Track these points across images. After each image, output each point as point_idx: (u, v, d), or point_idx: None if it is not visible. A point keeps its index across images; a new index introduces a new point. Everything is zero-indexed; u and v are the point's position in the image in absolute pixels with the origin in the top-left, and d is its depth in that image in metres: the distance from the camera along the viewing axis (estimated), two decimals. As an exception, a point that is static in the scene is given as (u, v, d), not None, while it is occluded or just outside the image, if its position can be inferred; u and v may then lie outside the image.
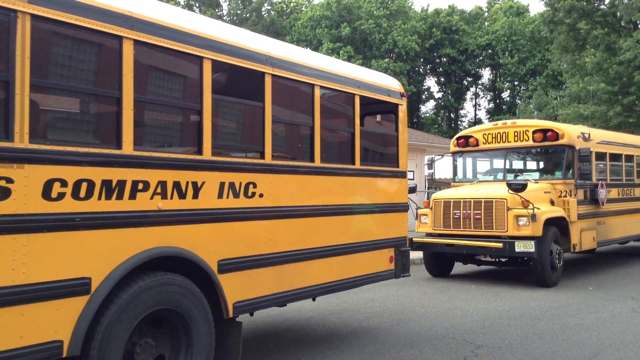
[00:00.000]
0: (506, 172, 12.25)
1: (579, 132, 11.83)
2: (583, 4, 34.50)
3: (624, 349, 6.47)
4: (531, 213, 10.07)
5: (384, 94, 7.17)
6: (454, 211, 10.99)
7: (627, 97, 32.59)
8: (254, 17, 56.42)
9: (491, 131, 12.28)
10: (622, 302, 9.18)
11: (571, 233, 11.14)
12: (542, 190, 11.08)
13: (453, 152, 13.02)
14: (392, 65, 49.31)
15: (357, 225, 6.57)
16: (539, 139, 11.50)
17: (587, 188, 11.70)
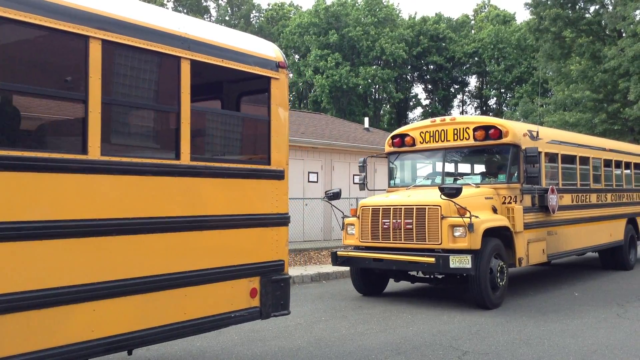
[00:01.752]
0: (445, 176, 10.56)
1: (526, 130, 10.48)
2: (568, 12, 34.90)
3: (609, 354, 6.51)
4: (468, 222, 8.64)
5: (244, 62, 5.23)
6: (383, 220, 9.50)
7: (612, 105, 32.96)
8: (242, 24, 56.43)
9: (429, 129, 10.75)
10: (607, 308, 9.24)
11: (516, 245, 9.66)
12: (482, 195, 9.67)
13: (388, 152, 11.44)
14: (380, 72, 49.53)
15: (180, 248, 4.64)
16: (480, 137, 10.05)
17: (536, 193, 10.31)
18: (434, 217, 9.02)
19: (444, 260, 8.67)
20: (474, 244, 8.72)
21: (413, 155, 11.29)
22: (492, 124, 10.13)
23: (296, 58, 54.51)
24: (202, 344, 7.12)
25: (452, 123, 10.55)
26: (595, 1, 35.54)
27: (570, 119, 32.90)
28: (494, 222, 9.28)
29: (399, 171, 11.53)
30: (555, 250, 11.00)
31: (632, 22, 30.99)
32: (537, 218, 10.39)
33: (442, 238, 8.91)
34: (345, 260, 9.97)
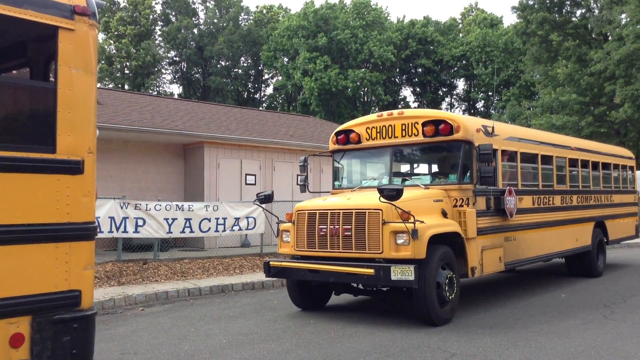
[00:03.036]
0: (392, 176, 9.59)
1: (480, 125, 9.50)
2: (555, 16, 35.21)
3: (595, 355, 6.55)
4: (412, 228, 7.63)
5: (9, 3, 3.67)
6: (320, 226, 8.45)
7: (598, 108, 33.28)
8: (230, 26, 56.34)
9: (375, 124, 9.77)
10: (594, 309, 9.30)
11: (468, 253, 8.65)
12: (430, 198, 8.67)
13: (332, 150, 10.44)
14: (369, 75, 49.65)
15: None
16: (430, 132, 9.09)
17: (491, 195, 9.30)
18: (374, 222, 7.98)
19: (384, 272, 7.65)
20: (418, 252, 7.70)
21: (359, 154, 10.21)
22: (442, 118, 9.15)
23: (285, 61, 54.51)
24: (190, 347, 7.09)
25: (400, 117, 9.55)
26: (582, 5, 35.90)
27: (557, 122, 33.18)
28: (442, 228, 8.24)
29: (344, 171, 10.50)
30: (514, 258, 10.01)
31: (617, 26, 31.33)
32: (492, 222, 9.40)
33: (383, 246, 7.87)
34: (279, 271, 8.85)
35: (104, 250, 15.20)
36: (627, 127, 33.74)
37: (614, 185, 14.82)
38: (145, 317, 9.17)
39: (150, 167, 17.41)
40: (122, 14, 54.06)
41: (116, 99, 20.14)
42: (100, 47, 53.22)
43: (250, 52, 58.31)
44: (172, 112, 20.00)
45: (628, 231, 15.55)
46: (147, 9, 54.72)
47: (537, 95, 44.57)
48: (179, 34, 55.24)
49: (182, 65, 59.20)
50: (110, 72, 52.96)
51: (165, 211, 13.25)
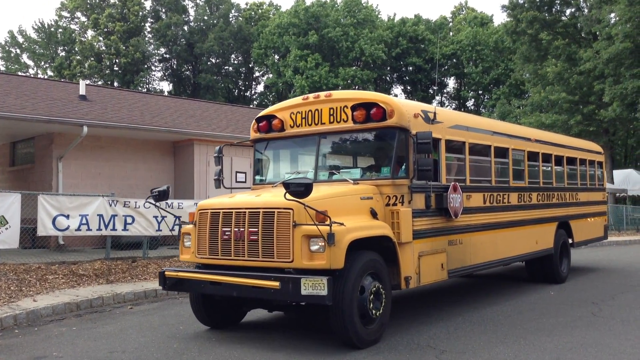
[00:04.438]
0: (318, 169, 8.16)
1: (419, 110, 8.09)
2: (545, 15, 35.38)
3: (584, 352, 6.58)
4: (327, 232, 6.32)
5: None
6: (224, 228, 7.09)
7: (587, 107, 33.48)
8: (221, 24, 56.15)
9: (301, 108, 8.37)
10: (582, 307, 9.34)
11: (401, 260, 7.34)
12: (357, 195, 7.31)
13: (253, 139, 9.11)
14: (360, 73, 49.68)
15: None
16: (360, 118, 7.75)
17: (431, 192, 7.98)
18: (283, 224, 6.63)
19: (293, 285, 6.32)
20: (334, 261, 6.38)
21: (282, 143, 8.82)
22: (373, 101, 7.78)
23: (276, 58, 54.40)
24: (179, 345, 7.04)
25: (328, 100, 8.15)
26: (571, 4, 36.10)
27: (546, 121, 33.36)
28: (366, 231, 6.92)
29: (266, 163, 9.20)
30: (460, 264, 8.73)
31: (607, 25, 31.52)
32: (433, 224, 8.12)
33: (293, 253, 6.52)
34: (175, 283, 7.46)
35: (92, 248, 15.10)
36: (615, 126, 33.97)
37: (580, 182, 13.60)
38: (134, 315, 9.11)
39: (139, 165, 17.32)
40: (111, 10, 53.70)
41: (105, 95, 20.01)
42: (88, 44, 52.91)
43: (240, 50, 58.15)
44: (161, 109, 19.89)
45: (596, 232, 14.37)
46: (137, 6, 54.39)
47: (527, 94, 44.79)
48: (169, 30, 54.98)
49: (172, 62, 58.95)
50: (99, 69, 52.62)
51: (154, 209, 13.17)
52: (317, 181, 7.75)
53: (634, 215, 33.01)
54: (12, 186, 17.11)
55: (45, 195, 12.24)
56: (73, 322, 8.60)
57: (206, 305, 7.87)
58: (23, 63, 58.26)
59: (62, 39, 57.02)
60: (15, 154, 18.43)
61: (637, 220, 32.69)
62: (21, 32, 58.35)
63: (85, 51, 52.71)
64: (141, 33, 55.63)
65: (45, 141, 16.28)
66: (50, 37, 57.12)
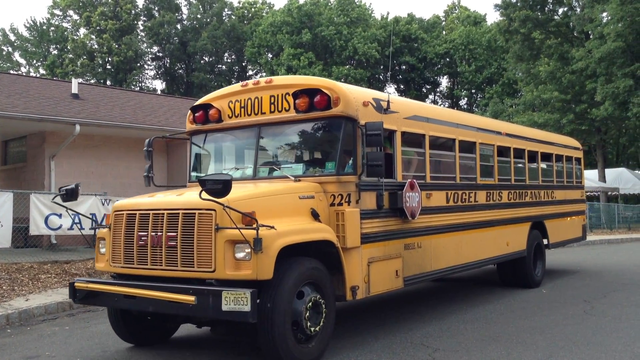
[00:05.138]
0: (258, 164, 7.31)
1: (370, 98, 7.25)
2: (537, 14, 35.51)
3: (576, 350, 6.61)
4: (254, 237, 5.46)
5: None
6: (140, 233, 6.16)
7: (579, 105, 33.62)
8: (214, 22, 56.04)
9: (239, 96, 7.52)
10: (574, 305, 9.39)
11: (346, 268, 6.49)
12: (295, 193, 6.47)
13: (189, 131, 8.15)
14: (353, 72, 49.72)
15: None
16: (303, 106, 6.87)
17: (383, 190, 7.15)
18: (205, 228, 5.75)
19: (213, 299, 5.44)
20: (262, 271, 5.55)
21: (220, 135, 7.93)
22: (316, 86, 6.92)
23: (269, 57, 54.36)
24: (175, 343, 7.02)
25: (269, 87, 7.32)
26: (564, 3, 36.24)
27: (538, 120, 33.48)
28: (302, 235, 6.09)
29: (203, 158, 8.33)
30: (419, 271, 7.90)
31: (599, 24, 31.67)
32: (386, 226, 7.28)
33: (215, 262, 5.64)
34: (87, 295, 6.50)
35: (85, 247, 15.05)
36: (607, 125, 34.13)
37: (556, 180, 12.75)
38: (127, 314, 9.07)
39: (132, 163, 17.26)
40: (103, 8, 53.49)
41: (98, 94, 19.93)
42: (81, 42, 52.68)
43: (234, 48, 58.05)
44: (154, 107, 19.83)
45: (574, 232, 13.53)
46: (129, 4, 54.20)
47: (520, 93, 44.95)
48: (162, 29, 54.81)
49: (165, 60, 58.78)
50: (91, 67, 52.40)
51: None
52: (257, 178, 7.13)
53: (625, 213, 33.22)
54: (4, 185, 17.03)
55: (37, 194, 12.20)
56: (66, 322, 8.57)
57: (126, 320, 6.91)
58: (15, 61, 57.96)
59: (54, 37, 56.77)
60: (7, 152, 18.34)
61: (629, 218, 32.90)
62: (13, 30, 58.17)
63: (78, 49, 52.47)
64: (134, 31, 55.43)
65: (37, 140, 16.21)
66: (43, 35, 56.84)
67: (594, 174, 37.01)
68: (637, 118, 29.03)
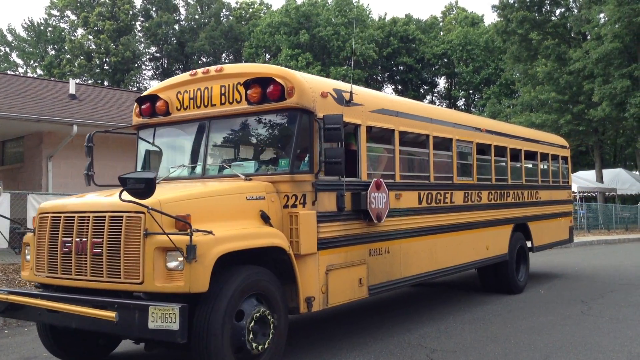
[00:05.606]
0: (207, 162, 6.73)
1: (330, 89, 6.64)
2: (535, 15, 35.57)
3: (574, 350, 6.62)
4: (186, 243, 4.80)
5: None
6: (64, 238, 5.50)
7: (576, 106, 33.68)
8: (212, 23, 56.03)
9: (188, 87, 6.88)
10: (572, 305, 9.40)
11: (300, 277, 5.85)
12: (241, 194, 5.80)
13: (135, 125, 7.51)
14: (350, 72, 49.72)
15: None
16: (255, 97, 6.24)
17: (344, 190, 6.46)
18: (132, 233, 5.09)
19: (140, 315, 4.79)
20: (195, 282, 4.89)
21: (168, 130, 7.27)
22: (268, 75, 6.28)
23: (267, 57, 54.37)
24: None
25: (220, 76, 6.68)
26: (561, 4, 36.32)
27: (536, 120, 33.53)
28: (246, 241, 5.41)
29: (149, 155, 7.70)
30: (386, 278, 7.23)
31: (596, 25, 31.73)
32: (348, 229, 6.64)
33: (144, 272, 4.98)
34: (7, 308, 5.73)
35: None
36: (605, 126, 34.21)
37: (541, 179, 12.12)
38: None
39: (130, 165, 17.17)
40: (101, 9, 53.44)
41: (95, 94, 19.92)
42: (78, 43, 52.62)
43: (232, 49, 58.03)
44: (152, 108, 19.79)
45: (560, 234, 12.85)
46: (127, 4, 54.17)
47: (517, 94, 45.02)
48: (160, 29, 54.78)
49: (163, 61, 58.75)
50: (89, 67, 52.35)
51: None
52: (206, 177, 6.56)
53: (622, 214, 33.28)
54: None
55: (34, 194, 12.18)
56: (63, 323, 8.54)
57: (57, 334, 6.12)
58: (12, 62, 57.90)
59: (51, 37, 56.71)
60: (5, 153, 18.31)
61: (626, 219, 32.96)
62: (10, 30, 58.00)
63: (75, 50, 52.43)
64: (131, 32, 55.40)
65: (34, 140, 16.18)
66: (40, 35, 56.78)
67: (592, 174, 37.10)
68: (635, 118, 29.09)
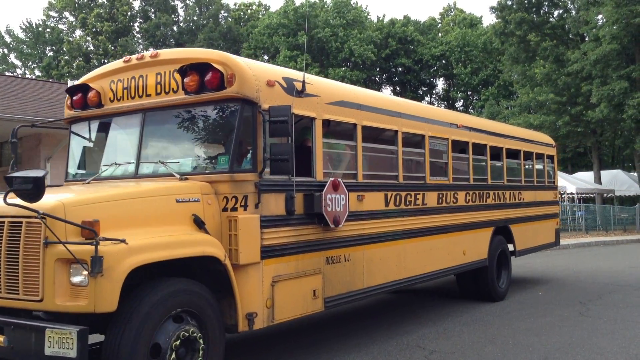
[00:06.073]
0: (141, 159, 5.91)
1: (278, 77, 5.91)
2: (533, 16, 35.61)
3: (572, 352, 6.63)
4: (91, 254, 4.10)
5: None
6: None
7: (575, 107, 33.72)
8: (210, 24, 56.06)
9: (122, 75, 6.13)
10: (570, 307, 9.41)
11: (238, 290, 5.12)
12: (171, 195, 5.06)
13: (67, 119, 6.80)
14: (349, 73, 49.77)
15: None
16: (192, 85, 5.51)
17: (294, 192, 5.77)
18: (32, 242, 4.40)
19: (36, 339, 4.14)
20: (101, 300, 4.18)
21: (102, 123, 6.49)
22: (205, 60, 5.54)
23: (265, 59, 54.40)
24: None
25: (155, 63, 5.91)
26: (559, 6, 36.36)
27: (534, 122, 33.56)
28: (167, 251, 4.61)
29: (83, 151, 6.95)
30: (346, 289, 6.49)
31: (594, 27, 31.79)
32: (299, 236, 5.90)
33: (44, 287, 4.30)
34: None
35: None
36: (603, 127, 34.24)
37: (524, 179, 11.38)
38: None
39: (128, 166, 17.22)
40: (99, 10, 53.44)
41: (93, 96, 19.89)
42: (76, 44, 52.61)
43: (230, 50, 57.94)
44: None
45: (545, 237, 12.15)
46: (125, 6, 54.17)
47: (516, 95, 45.06)
48: (158, 31, 54.80)
49: (161, 62, 58.66)
50: (87, 69, 52.32)
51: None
52: (139, 176, 5.79)
53: (621, 215, 33.32)
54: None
55: (32, 196, 12.15)
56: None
57: None
58: (10, 63, 57.86)
59: (50, 38, 56.68)
60: (2, 154, 18.29)
61: (624, 220, 33.00)
62: (9, 31, 57.95)
63: (73, 51, 52.41)
64: (130, 33, 55.39)
65: (33, 142, 16.16)
66: (38, 36, 56.75)
67: (590, 175, 37.16)
68: (633, 120, 29.12)
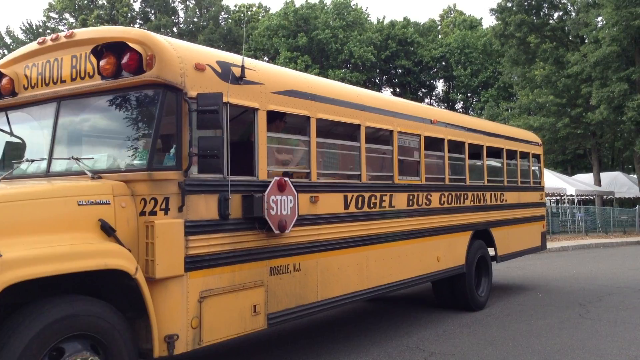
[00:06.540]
0: (54, 154, 5.15)
1: (211, 60, 5.13)
2: (533, 18, 35.64)
3: (572, 354, 6.63)
4: None
5: None
6: None
7: (574, 109, 33.75)
8: (211, 26, 56.10)
9: (36, 59, 5.42)
10: (570, 309, 9.41)
11: (152, 309, 4.36)
12: (72, 197, 4.30)
13: None
14: (349, 75, 49.82)
15: None
16: (108, 69, 4.77)
17: (229, 192, 5.00)
18: None
19: None
20: None
21: (18, 115, 5.68)
22: (121, 39, 4.77)
23: (266, 60, 54.45)
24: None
25: (70, 44, 5.16)
26: (559, 8, 36.39)
27: (534, 123, 33.59)
28: (55, 265, 3.84)
29: (7, 146, 5.99)
30: (295, 303, 5.73)
31: (594, 29, 31.82)
32: (236, 243, 5.14)
33: None
34: None
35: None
36: (602, 129, 34.26)
37: (507, 180, 10.62)
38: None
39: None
40: (99, 11, 53.49)
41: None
42: (77, 45, 52.56)
43: (230, 52, 57.95)
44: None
45: (530, 241, 11.47)
46: (125, 7, 54.21)
47: (515, 97, 45.08)
48: (158, 32, 54.80)
49: (161, 64, 58.69)
50: (87, 70, 52.34)
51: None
52: (51, 174, 5.04)
53: (620, 217, 33.32)
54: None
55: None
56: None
57: None
58: (10, 64, 57.78)
59: (50, 40, 56.63)
60: (2, 155, 18.28)
61: (624, 222, 33.00)
62: (9, 32, 57.93)
63: (74, 52, 52.40)
64: (130, 34, 55.36)
65: (32, 143, 16.14)
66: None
67: (590, 177, 37.17)
68: (632, 122, 29.13)
